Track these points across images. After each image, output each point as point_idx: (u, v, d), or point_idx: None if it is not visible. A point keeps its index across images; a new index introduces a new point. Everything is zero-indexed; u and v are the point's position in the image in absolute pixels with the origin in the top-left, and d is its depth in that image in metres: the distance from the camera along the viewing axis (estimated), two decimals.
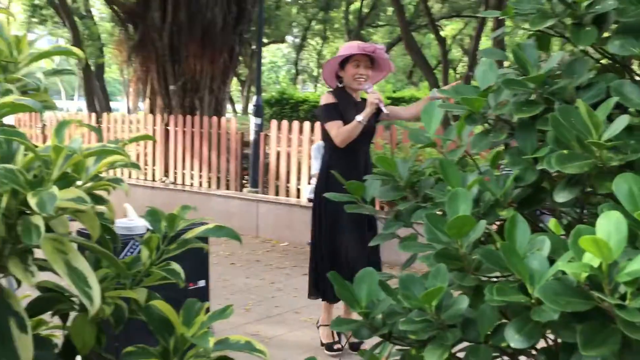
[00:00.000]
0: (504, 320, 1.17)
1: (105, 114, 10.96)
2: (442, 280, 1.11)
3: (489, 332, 1.12)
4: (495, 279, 1.25)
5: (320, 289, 4.20)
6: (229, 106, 19.93)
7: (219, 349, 1.19)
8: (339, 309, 4.52)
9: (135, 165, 1.24)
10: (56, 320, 1.29)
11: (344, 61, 4.01)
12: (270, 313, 5.09)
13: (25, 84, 1.27)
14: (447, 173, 1.25)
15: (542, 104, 1.18)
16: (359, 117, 3.84)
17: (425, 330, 1.14)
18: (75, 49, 1.26)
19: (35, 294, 1.22)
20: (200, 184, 9.30)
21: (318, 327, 4.42)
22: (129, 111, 21.50)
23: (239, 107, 31.62)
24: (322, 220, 4.10)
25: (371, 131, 4.12)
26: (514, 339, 0.99)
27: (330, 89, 4.18)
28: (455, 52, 33.26)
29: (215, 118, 9.33)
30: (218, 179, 9.12)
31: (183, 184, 9.47)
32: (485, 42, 24.01)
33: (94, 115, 11.49)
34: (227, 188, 9.01)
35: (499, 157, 1.51)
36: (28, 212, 0.95)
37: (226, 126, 9.12)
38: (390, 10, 27.36)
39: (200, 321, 1.24)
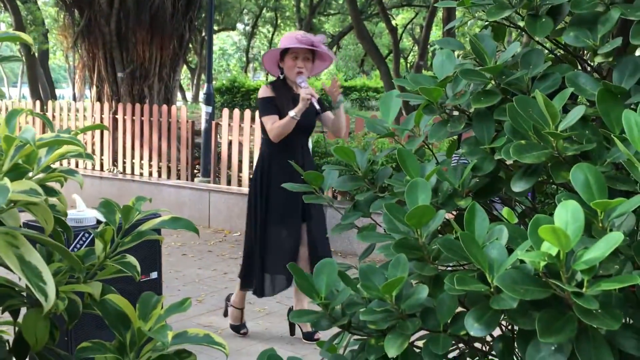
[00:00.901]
0: (461, 309, 1.19)
1: (50, 102, 10.64)
2: (402, 270, 1.11)
3: (447, 321, 1.13)
4: (451, 268, 1.27)
5: (250, 279, 4.22)
6: (179, 94, 19.63)
7: (176, 343, 1.17)
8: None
9: (89, 156, 1.21)
10: (6, 316, 1.24)
11: (284, 52, 4.02)
12: (223, 304, 5.05)
13: None
14: (405, 163, 1.25)
15: (499, 94, 1.20)
16: (292, 113, 3.85)
17: (385, 320, 1.14)
18: (24, 35, 1.20)
19: None
20: (151, 174, 9.14)
21: (228, 306, 4.47)
22: (74, 99, 20.91)
23: (189, 95, 31.18)
24: (257, 212, 4.12)
25: (309, 126, 4.15)
26: (473, 328, 1.00)
27: (269, 82, 4.20)
28: (407, 42, 33.55)
29: (165, 106, 9.16)
30: (169, 168, 8.98)
31: (132, 173, 9.29)
32: (436, 32, 24.31)
33: (38, 103, 11.14)
34: (178, 178, 8.88)
35: (454, 147, 1.53)
36: None
37: (177, 114, 8.97)
38: None
39: (157, 315, 1.21)
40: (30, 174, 0.94)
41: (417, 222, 1.11)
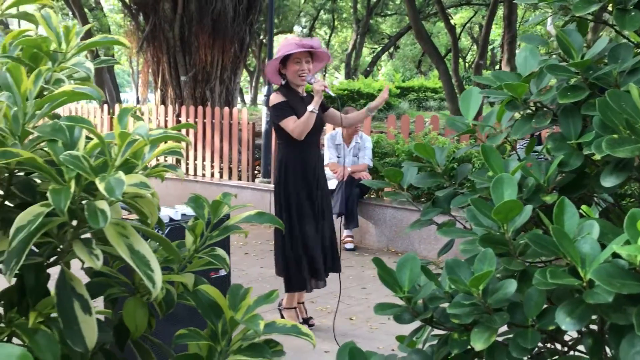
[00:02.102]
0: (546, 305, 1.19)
1: (117, 105, 10.99)
2: (489, 264, 1.12)
3: (535, 316, 1.13)
4: (535, 264, 1.27)
5: (291, 279, 4.33)
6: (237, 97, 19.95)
7: (266, 332, 1.21)
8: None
9: (180, 154, 1.26)
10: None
11: (285, 59, 4.15)
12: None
13: (71, 73, 1.29)
14: (489, 159, 1.26)
15: (586, 89, 1.19)
16: (310, 107, 4.01)
17: (471, 314, 1.15)
18: (121, 38, 1.27)
19: None
20: (212, 175, 9.33)
21: (281, 311, 4.55)
22: (138, 102, 21.54)
23: (247, 98, 31.61)
24: (282, 211, 4.26)
25: (320, 124, 4.29)
26: (565, 322, 1.00)
27: (276, 89, 4.32)
28: (465, 41, 33.09)
29: (226, 109, 9.34)
30: (230, 169, 9.15)
31: (195, 174, 9.50)
32: (496, 31, 23.89)
33: (105, 106, 11.52)
34: (239, 178, 9.04)
35: (534, 144, 1.53)
36: (88, 197, 0.97)
37: (238, 117, 9.13)
38: None
39: (246, 305, 1.26)
40: (136, 169, 1.00)
41: (504, 217, 1.12)
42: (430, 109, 20.81)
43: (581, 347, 1.28)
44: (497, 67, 28.44)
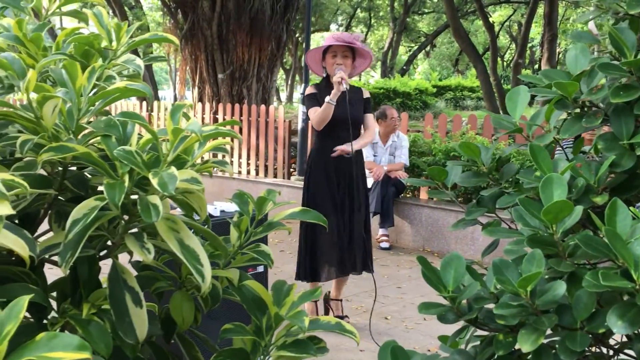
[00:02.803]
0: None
1: (155, 103, 11.15)
2: (537, 265, 1.11)
3: (584, 319, 1.11)
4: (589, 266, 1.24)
5: (308, 271, 4.33)
6: (274, 95, 20.04)
7: (310, 329, 1.21)
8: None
9: (227, 151, 1.27)
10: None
11: (324, 53, 4.27)
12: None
13: (121, 70, 1.31)
14: (537, 158, 1.24)
15: (639, 88, 1.16)
16: (327, 98, 4.06)
17: (517, 315, 1.14)
18: (170, 36, 1.29)
19: None
20: (249, 172, 9.40)
21: (328, 306, 4.56)
22: (175, 99, 21.80)
23: (283, 96, 31.75)
24: (306, 202, 4.30)
25: (356, 119, 4.28)
26: (616, 325, 0.98)
27: (314, 83, 4.43)
28: (503, 40, 32.67)
29: (263, 106, 9.39)
30: (266, 167, 9.20)
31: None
32: (536, 29, 23.53)
33: (144, 103, 11.70)
34: (275, 176, 9.08)
35: (581, 144, 1.50)
36: (139, 192, 0.99)
37: (274, 114, 9.17)
38: None
39: (290, 301, 1.26)
40: (186, 165, 1.01)
41: (553, 217, 1.11)
42: (467, 108, 20.60)
43: (628, 351, 1.25)
44: (536, 66, 28.02)
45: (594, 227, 1.30)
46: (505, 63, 32.09)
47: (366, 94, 4.43)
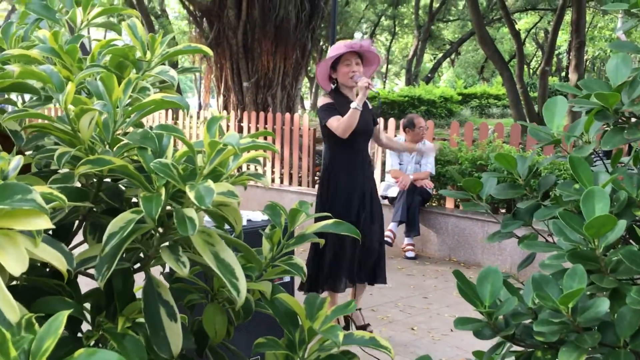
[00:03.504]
0: None
1: (180, 111, 11.23)
2: (579, 281, 1.08)
3: (628, 337, 1.08)
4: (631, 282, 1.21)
5: (321, 281, 4.25)
6: (298, 103, 20.10)
7: (345, 344, 1.19)
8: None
9: (260, 163, 1.26)
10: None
11: (335, 64, 4.15)
12: None
13: (155, 81, 1.31)
14: (577, 170, 1.21)
15: None
16: (354, 105, 3.97)
17: (559, 332, 1.11)
18: (204, 47, 1.29)
19: None
20: (273, 180, 9.41)
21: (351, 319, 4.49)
22: (200, 108, 21.97)
23: (307, 104, 31.83)
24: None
25: (370, 131, 4.25)
26: None
27: (325, 93, 4.31)
28: (529, 47, 32.41)
29: (287, 114, 9.41)
30: (290, 175, 9.21)
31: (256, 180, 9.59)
32: (562, 37, 23.31)
33: (170, 112, 11.80)
34: (300, 184, 9.08)
35: (620, 155, 1.46)
36: (173, 205, 0.98)
37: (299, 122, 9.18)
38: (461, 4, 26.95)
39: (323, 315, 1.24)
40: (222, 177, 1.00)
41: (595, 232, 1.08)
42: (492, 116, 20.44)
43: None
44: (563, 73, 27.71)
45: (636, 242, 1.26)
46: (531, 70, 31.81)
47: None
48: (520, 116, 14.24)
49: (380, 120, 6.29)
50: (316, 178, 9.26)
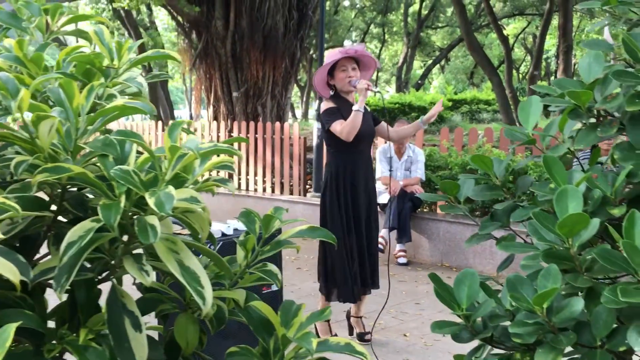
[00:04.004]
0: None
1: (170, 122, 11.19)
2: (553, 281, 1.06)
3: (604, 336, 1.06)
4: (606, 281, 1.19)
5: (329, 287, 4.27)
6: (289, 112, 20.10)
7: (319, 350, 1.17)
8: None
9: (231, 168, 1.25)
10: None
11: (332, 70, 4.17)
12: (339, 317, 5.07)
13: (123, 88, 1.30)
14: (552, 170, 1.20)
15: None
16: (355, 107, 4.00)
17: (535, 333, 1.09)
18: (173, 53, 1.27)
19: None
20: (264, 190, 9.39)
21: (351, 323, 4.55)
22: (191, 118, 21.94)
23: (298, 112, 31.84)
24: (327, 220, 4.22)
25: (370, 134, 4.28)
26: (638, 343, 0.94)
27: (328, 98, 4.31)
28: (518, 52, 32.57)
29: (278, 123, 9.40)
30: (282, 184, 9.18)
31: (247, 189, 9.57)
32: (550, 41, 23.44)
33: (160, 123, 11.77)
34: (291, 193, 9.06)
35: (598, 154, 1.45)
36: (139, 212, 0.96)
37: (289, 131, 9.17)
38: (449, 11, 27.08)
39: (298, 322, 1.22)
40: (187, 183, 0.98)
41: (569, 231, 1.06)
42: (483, 121, 20.49)
43: None
44: (552, 77, 27.84)
45: (611, 241, 1.25)
46: (520, 75, 31.94)
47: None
48: (510, 121, 14.29)
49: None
50: (308, 186, 9.24)
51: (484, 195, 1.44)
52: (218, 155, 1.04)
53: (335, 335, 4.43)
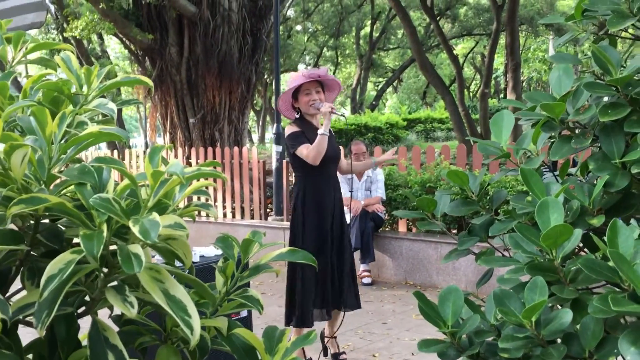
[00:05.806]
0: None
1: (126, 150, 11.03)
2: (540, 293, 1.06)
3: (593, 347, 1.07)
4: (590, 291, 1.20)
5: (294, 314, 4.22)
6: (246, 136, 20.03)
7: None
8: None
9: (207, 193, 1.22)
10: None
11: (296, 93, 4.20)
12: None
13: (92, 115, 1.26)
14: (529, 182, 1.21)
15: (627, 106, 1.14)
16: (320, 131, 4.04)
17: (524, 347, 1.09)
18: (144, 78, 1.24)
19: None
20: (225, 215, 9.29)
21: (325, 345, 4.50)
22: (147, 146, 21.66)
23: (255, 137, 31.78)
24: (297, 242, 4.20)
25: (336, 156, 4.32)
26: (629, 352, 0.94)
27: (291, 122, 4.33)
28: (468, 71, 33.31)
29: (236, 148, 9.35)
30: (242, 209, 9.11)
31: (207, 215, 9.46)
32: (498, 59, 24.05)
33: (115, 152, 11.57)
34: (252, 217, 8.98)
35: (568, 166, 1.48)
36: (117, 242, 0.92)
37: (248, 156, 9.13)
38: (400, 32, 27.56)
39: (283, 348, 1.20)
40: (168, 210, 0.95)
41: (553, 242, 1.07)
42: (438, 140, 20.81)
43: None
44: (502, 95, 28.52)
45: (590, 250, 1.26)
46: (471, 93, 32.62)
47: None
48: (463, 138, 14.54)
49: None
50: (268, 210, 9.18)
51: (461, 210, 1.44)
52: (198, 180, 1.01)
53: (310, 359, 4.37)
